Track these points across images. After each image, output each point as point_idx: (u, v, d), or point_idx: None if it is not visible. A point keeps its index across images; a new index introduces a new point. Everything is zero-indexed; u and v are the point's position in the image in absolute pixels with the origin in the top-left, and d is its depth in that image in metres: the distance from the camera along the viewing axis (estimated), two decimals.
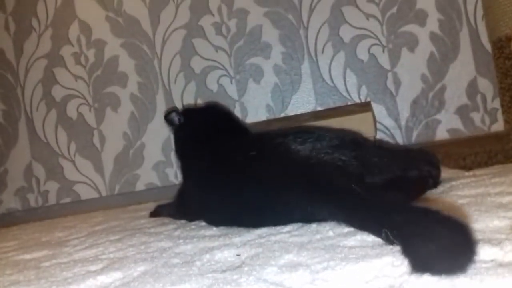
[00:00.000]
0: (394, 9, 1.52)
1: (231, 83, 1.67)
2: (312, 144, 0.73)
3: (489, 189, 0.73)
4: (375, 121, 1.41)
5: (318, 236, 0.63)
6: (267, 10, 1.62)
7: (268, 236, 0.69)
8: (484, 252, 0.43)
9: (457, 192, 0.75)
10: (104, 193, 1.79)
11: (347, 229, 0.64)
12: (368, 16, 1.54)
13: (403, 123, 1.53)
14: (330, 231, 0.64)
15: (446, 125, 1.50)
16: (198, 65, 1.69)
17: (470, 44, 1.49)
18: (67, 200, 1.83)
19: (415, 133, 1.52)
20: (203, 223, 0.91)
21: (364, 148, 0.75)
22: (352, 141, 0.76)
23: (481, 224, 0.54)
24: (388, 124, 1.53)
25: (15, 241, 1.19)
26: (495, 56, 1.26)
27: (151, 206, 1.50)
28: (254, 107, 1.65)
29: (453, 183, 0.84)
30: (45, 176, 1.85)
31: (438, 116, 1.51)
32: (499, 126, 1.46)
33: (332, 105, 1.58)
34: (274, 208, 0.73)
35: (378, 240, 0.55)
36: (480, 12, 1.47)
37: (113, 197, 1.77)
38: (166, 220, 1.08)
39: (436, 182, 0.81)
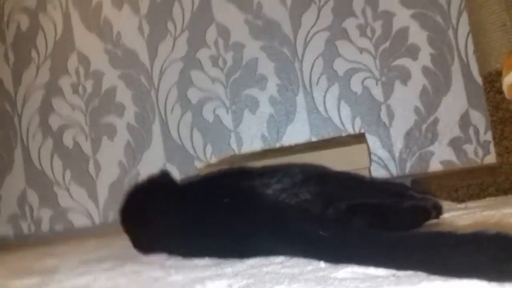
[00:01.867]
0: (387, 44, 1.56)
1: (227, 113, 1.68)
2: (279, 184, 0.75)
3: (480, 222, 0.73)
4: (369, 152, 1.42)
5: (309, 268, 0.63)
6: (262, 44, 1.66)
7: (260, 266, 0.69)
8: (473, 284, 0.43)
9: (449, 224, 0.76)
10: (97, 221, 1.78)
11: None
12: (361, 50, 1.58)
13: (397, 154, 1.54)
14: (322, 263, 0.64)
15: (440, 157, 1.52)
16: (194, 96, 1.72)
17: (462, 77, 1.52)
18: (60, 227, 1.82)
19: (408, 164, 1.53)
20: None
21: (331, 182, 0.77)
22: (318, 176, 0.78)
23: None
24: (382, 155, 1.55)
25: (6, 268, 1.18)
26: (486, 90, 1.28)
27: None
28: (250, 137, 1.66)
29: (445, 215, 0.84)
30: (38, 203, 1.85)
31: (431, 148, 1.52)
32: (492, 158, 1.47)
33: (326, 136, 1.59)
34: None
35: (368, 272, 0.55)
36: (471, 46, 1.50)
37: (106, 225, 1.76)
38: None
39: (439, 213, 0.81)
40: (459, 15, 1.53)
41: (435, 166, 1.52)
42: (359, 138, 1.41)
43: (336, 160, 1.21)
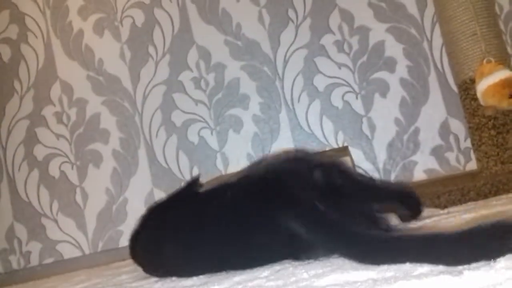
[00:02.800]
0: (364, 58, 1.59)
1: (212, 134, 1.70)
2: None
3: (459, 225, 0.75)
4: (353, 165, 1.44)
5: (293, 279, 0.64)
6: (243, 63, 1.68)
7: (245, 282, 0.69)
8: (444, 283, 0.44)
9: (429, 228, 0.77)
10: (87, 251, 1.76)
11: (321, 270, 0.65)
12: (340, 65, 1.61)
13: (381, 165, 1.56)
14: (305, 273, 0.65)
15: (423, 166, 1.54)
16: (178, 119, 1.73)
17: (439, 87, 1.55)
18: (50, 260, 1.79)
19: (393, 175, 1.55)
20: None
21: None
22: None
23: None
24: (367, 168, 1.56)
25: None
26: (462, 98, 1.32)
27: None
28: (235, 157, 1.67)
29: (427, 220, 0.86)
30: (27, 236, 1.82)
31: (414, 158, 1.54)
32: (473, 164, 1.49)
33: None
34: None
35: (348, 279, 0.56)
36: (446, 57, 1.54)
37: (96, 255, 1.74)
38: (147, 274, 1.07)
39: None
40: (433, 27, 1.57)
41: (419, 175, 1.54)
42: (343, 151, 1.43)
43: None
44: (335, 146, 1.60)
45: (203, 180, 1.58)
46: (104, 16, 1.82)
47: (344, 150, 1.46)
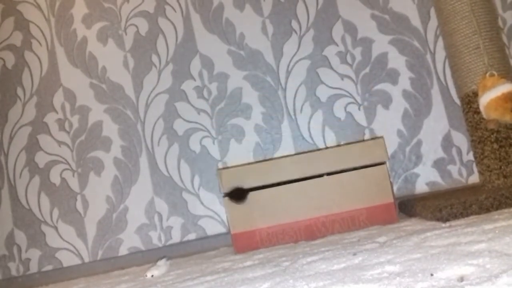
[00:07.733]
0: (367, 69, 1.60)
1: (214, 143, 1.70)
2: None
3: (461, 239, 0.74)
4: (387, 155, 1.43)
5: None
6: (246, 73, 1.69)
7: None
8: None
9: (430, 243, 0.77)
10: (86, 259, 1.76)
11: (322, 283, 0.64)
12: (342, 76, 1.61)
13: None
14: (306, 286, 0.64)
15: (425, 179, 1.53)
16: (180, 128, 1.73)
17: (442, 99, 1.55)
18: (49, 267, 1.78)
19: (395, 187, 1.54)
20: (182, 285, 0.90)
21: None
22: None
23: (448, 271, 0.55)
24: None
25: None
26: (465, 111, 1.31)
27: (135, 270, 1.47)
28: None
29: (428, 234, 0.85)
30: (26, 243, 1.82)
31: (416, 170, 1.54)
32: (476, 178, 1.49)
33: None
34: None
35: None
36: (449, 69, 1.54)
37: (95, 263, 1.74)
38: (146, 283, 1.07)
39: None
40: (436, 40, 1.57)
41: (421, 187, 1.53)
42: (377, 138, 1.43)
43: (357, 155, 1.28)
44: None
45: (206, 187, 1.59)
46: (108, 24, 1.83)
47: (379, 138, 1.46)
